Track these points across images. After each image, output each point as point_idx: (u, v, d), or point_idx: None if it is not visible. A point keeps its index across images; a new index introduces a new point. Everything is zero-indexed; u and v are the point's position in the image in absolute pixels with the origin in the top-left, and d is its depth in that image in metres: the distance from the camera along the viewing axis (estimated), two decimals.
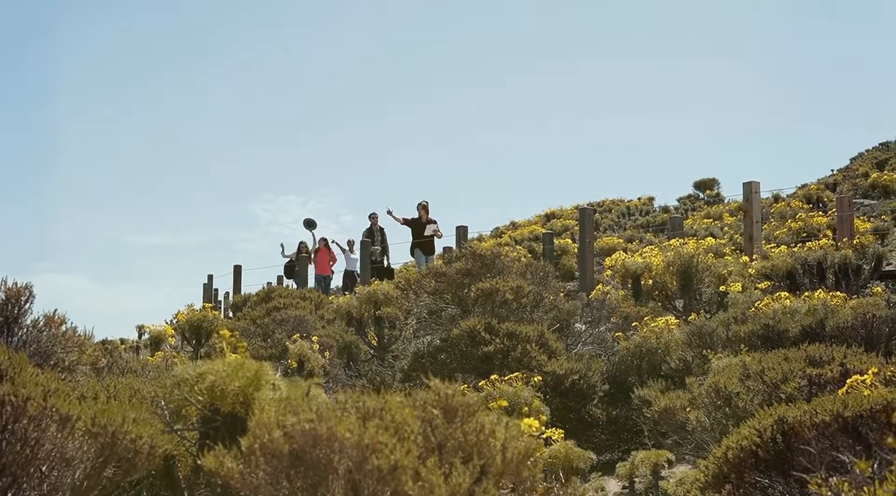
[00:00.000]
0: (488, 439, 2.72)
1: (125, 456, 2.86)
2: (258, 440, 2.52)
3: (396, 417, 2.58)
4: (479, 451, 2.63)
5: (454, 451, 2.64)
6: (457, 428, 2.67)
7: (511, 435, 2.70)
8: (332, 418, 2.52)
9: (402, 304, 11.54)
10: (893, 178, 29.90)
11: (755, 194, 15.99)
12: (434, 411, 2.66)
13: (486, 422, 2.74)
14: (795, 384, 5.51)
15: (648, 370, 8.73)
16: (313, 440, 2.49)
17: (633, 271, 11.99)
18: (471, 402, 2.73)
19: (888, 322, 7.64)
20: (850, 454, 3.57)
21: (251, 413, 2.93)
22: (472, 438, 2.70)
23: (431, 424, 2.67)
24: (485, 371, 8.40)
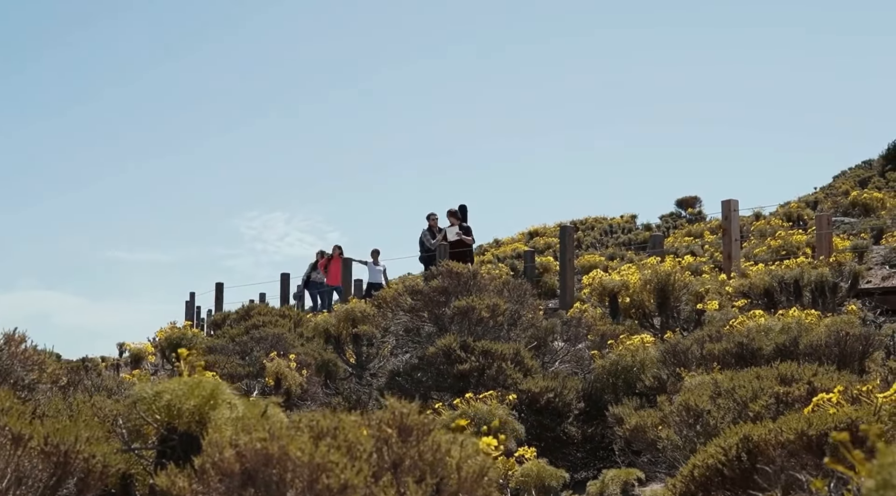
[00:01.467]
0: (444, 458, 2.72)
1: (78, 475, 2.84)
2: (210, 459, 2.52)
3: (350, 436, 2.58)
4: (433, 470, 2.62)
5: (409, 470, 2.64)
6: (412, 446, 2.67)
7: (466, 454, 2.70)
8: (285, 437, 2.51)
9: (380, 322, 11.53)
10: (873, 196, 30.03)
11: (734, 212, 16.05)
12: (389, 430, 2.66)
13: (442, 441, 2.73)
14: (763, 402, 5.52)
15: (624, 388, 8.72)
16: (265, 459, 2.48)
17: (610, 289, 12.01)
18: (426, 421, 2.73)
19: (861, 340, 7.66)
20: (813, 473, 3.59)
21: (206, 432, 2.91)
22: (427, 457, 2.69)
23: (386, 443, 2.66)
24: (460, 389, 8.41)
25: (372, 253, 27.52)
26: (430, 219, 24.20)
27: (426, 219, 24.30)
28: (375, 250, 27.55)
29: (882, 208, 28.30)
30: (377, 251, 27.51)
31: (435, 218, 24.08)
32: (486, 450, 4.33)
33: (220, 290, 30.95)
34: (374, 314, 11.61)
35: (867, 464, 1.69)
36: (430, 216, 24.20)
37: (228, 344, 13.54)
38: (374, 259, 27.43)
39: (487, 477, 2.70)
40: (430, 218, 24.17)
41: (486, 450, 4.33)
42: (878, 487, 1.66)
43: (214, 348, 13.27)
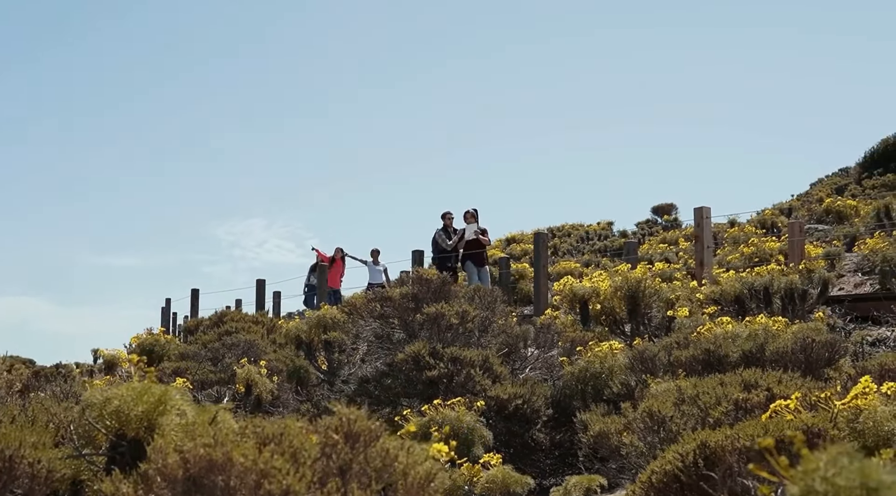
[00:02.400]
0: (392, 464, 2.72)
1: (22, 480, 2.84)
2: (154, 465, 2.51)
3: (295, 443, 2.58)
4: (379, 476, 2.63)
5: (356, 476, 2.64)
6: (360, 452, 2.67)
7: (413, 460, 2.71)
8: (230, 443, 2.51)
9: (350, 329, 11.53)
10: (847, 203, 30.18)
11: (706, 220, 16.10)
12: (335, 436, 2.66)
13: (390, 447, 2.74)
14: (723, 409, 5.54)
15: (592, 394, 8.74)
16: (209, 465, 2.48)
17: (580, 296, 12.02)
18: (373, 427, 2.73)
19: (828, 347, 7.70)
20: (763, 480, 3.60)
21: (154, 438, 2.91)
22: (376, 463, 2.70)
23: (334, 449, 2.67)
24: (429, 395, 8.41)
25: (372, 252, 27.08)
26: (445, 218, 23.16)
27: (441, 218, 23.25)
28: (375, 250, 27.10)
29: (856, 216, 28.45)
30: (377, 251, 27.07)
31: (451, 217, 23.09)
32: (436, 457, 4.34)
33: (196, 297, 30.92)
34: (345, 321, 11.60)
35: (791, 471, 1.71)
36: (446, 215, 23.18)
37: (201, 350, 13.52)
38: (374, 258, 26.99)
39: (434, 483, 2.71)
40: (446, 217, 23.14)
41: (436, 457, 4.34)
42: (803, 493, 1.68)
43: (187, 354, 13.25)
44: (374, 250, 27.00)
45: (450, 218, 22.85)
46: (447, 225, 22.80)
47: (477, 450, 7.22)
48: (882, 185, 35.84)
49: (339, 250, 27.58)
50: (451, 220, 22.83)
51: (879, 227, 23.84)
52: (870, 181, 38.02)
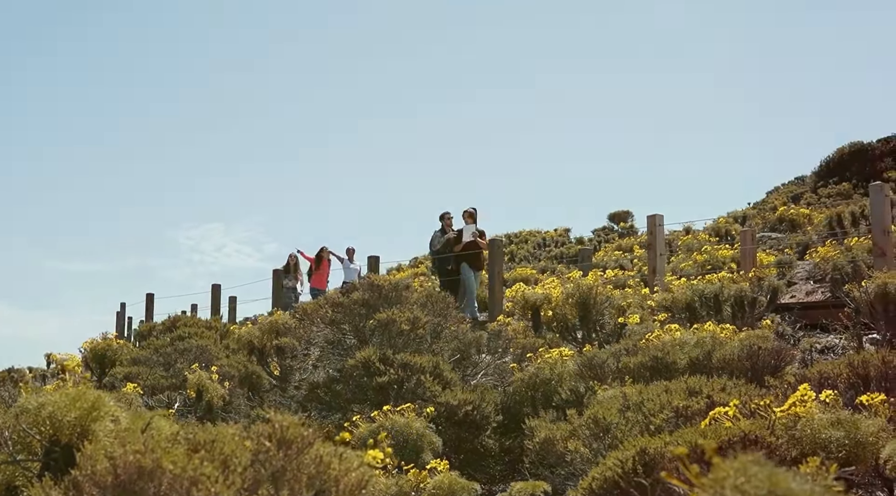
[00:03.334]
0: (326, 470, 2.74)
1: None
2: (84, 471, 2.52)
3: (225, 449, 2.59)
4: (311, 483, 2.64)
5: (288, 483, 2.65)
6: (292, 459, 2.68)
7: (346, 467, 2.72)
8: (160, 450, 2.52)
9: (303, 335, 11.52)
10: (800, 212, 30.48)
11: (659, 227, 16.22)
12: (267, 443, 2.67)
13: (324, 454, 2.75)
14: (665, 416, 5.59)
15: (542, 401, 8.78)
16: (139, 472, 2.48)
17: (532, 302, 12.08)
18: (306, 434, 2.75)
19: (774, 354, 7.77)
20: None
21: (86, 444, 2.91)
22: (309, 470, 2.71)
23: (266, 456, 2.68)
24: (380, 401, 8.41)
25: (346, 251, 26.41)
26: (443, 219, 22.13)
27: (440, 219, 22.24)
28: (350, 248, 26.43)
29: (809, 224, 28.73)
30: (352, 249, 26.42)
31: (450, 218, 22.05)
32: (372, 463, 4.36)
33: (151, 301, 30.74)
34: (297, 326, 11.59)
35: (702, 479, 1.74)
36: (445, 216, 22.14)
37: (153, 355, 13.44)
38: (350, 257, 26.25)
39: (366, 489, 2.73)
40: (445, 218, 22.11)
41: (372, 463, 4.36)
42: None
43: (139, 360, 13.17)
44: (348, 249, 26.42)
45: (449, 219, 22.02)
46: (446, 226, 21.93)
47: (426, 455, 7.23)
48: (837, 194, 36.20)
49: (324, 250, 26.52)
50: (450, 221, 21.98)
51: (832, 235, 24.08)
52: (825, 190, 38.40)
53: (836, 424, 4.50)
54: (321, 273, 26.11)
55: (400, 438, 7.20)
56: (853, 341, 10.81)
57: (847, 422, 4.52)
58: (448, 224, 21.79)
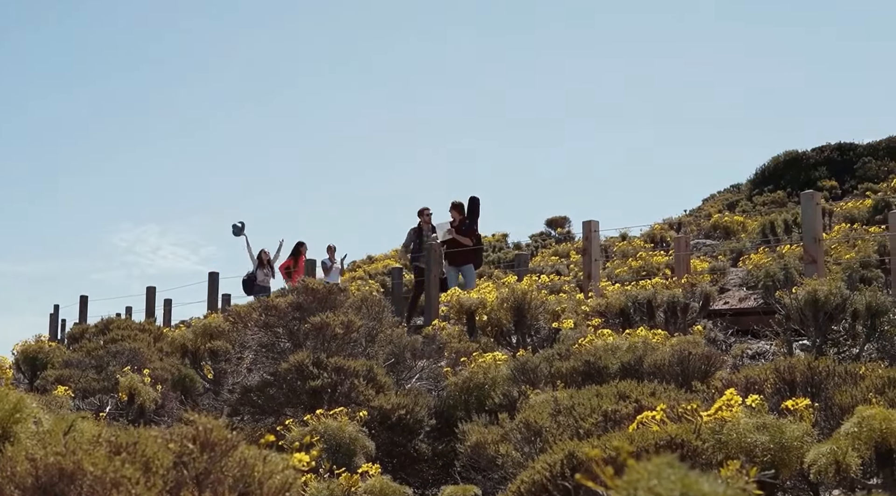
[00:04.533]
0: (251, 473, 2.73)
1: None
2: (4, 473, 2.49)
3: (147, 451, 2.58)
4: (235, 485, 2.64)
5: (212, 485, 2.65)
6: (216, 462, 2.68)
7: (270, 469, 2.72)
8: (81, 452, 2.50)
9: (236, 338, 11.46)
10: (735, 219, 30.87)
11: (594, 233, 16.32)
12: (190, 445, 2.67)
13: (248, 457, 2.75)
14: (594, 420, 5.63)
15: (476, 405, 8.79)
16: (59, 474, 2.47)
17: (468, 307, 12.11)
18: (230, 437, 2.74)
19: (704, 359, 7.86)
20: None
21: (7, 446, 2.88)
22: (234, 472, 2.70)
23: (190, 458, 2.67)
24: (313, 405, 8.39)
25: (327, 249, 25.09)
26: (421, 215, 20.69)
27: (418, 214, 20.80)
28: (331, 246, 25.13)
29: (742, 231, 29.10)
30: (333, 247, 25.13)
31: (429, 214, 20.61)
32: (299, 466, 4.35)
33: (85, 303, 30.40)
34: (231, 329, 11.53)
35: (617, 481, 1.76)
36: (423, 212, 20.69)
37: (85, 358, 13.31)
38: (330, 256, 25.01)
39: (291, 492, 2.73)
40: (423, 214, 20.67)
41: (299, 466, 4.35)
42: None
43: (71, 362, 13.03)
44: (329, 247, 25.12)
45: (427, 215, 20.65)
46: (423, 223, 20.60)
47: (358, 459, 7.22)
48: (772, 202, 36.72)
49: (302, 245, 24.80)
50: (428, 218, 20.60)
51: (765, 242, 24.42)
52: (760, 198, 38.91)
53: (762, 429, 4.55)
54: (300, 271, 24.05)
55: (332, 442, 7.19)
56: (783, 347, 10.94)
57: (772, 426, 4.58)
58: (426, 221, 20.60)
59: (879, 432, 4.59)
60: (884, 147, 40.97)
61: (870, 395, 5.71)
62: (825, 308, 10.03)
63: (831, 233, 21.55)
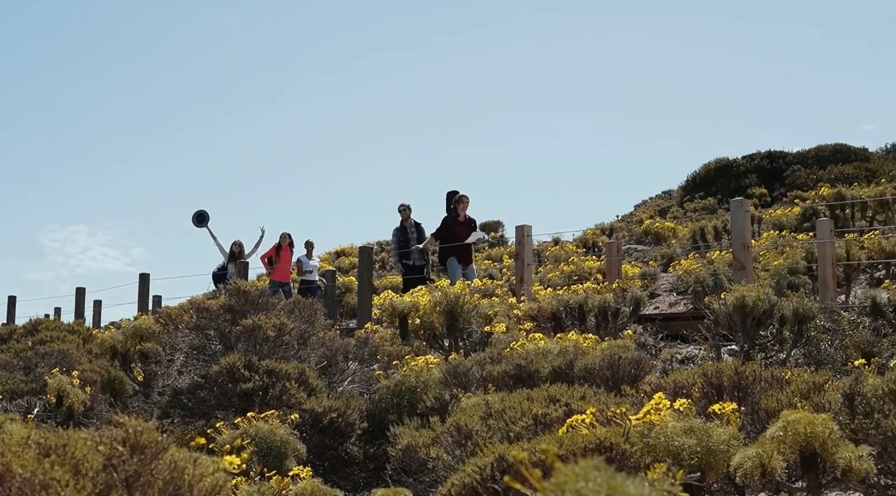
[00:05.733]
0: (181, 475, 2.73)
1: None
2: None
3: (77, 453, 2.57)
4: (165, 488, 2.64)
5: (142, 488, 2.64)
6: (146, 464, 2.67)
7: (200, 472, 2.72)
8: (10, 454, 2.49)
9: (167, 340, 11.38)
10: (665, 225, 31.20)
11: (527, 237, 16.42)
12: (120, 448, 2.66)
13: (178, 459, 2.75)
14: (524, 423, 5.68)
15: (407, 408, 8.81)
16: None
17: (400, 310, 12.13)
18: (160, 439, 2.74)
19: (634, 364, 7.94)
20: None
21: None
22: (164, 474, 2.70)
23: (120, 461, 2.66)
24: (244, 408, 8.36)
25: (305, 244, 24.00)
26: (401, 212, 20.06)
27: (399, 212, 20.18)
28: (308, 242, 24.10)
29: (673, 237, 29.43)
30: (311, 243, 24.14)
31: (408, 210, 20.06)
32: (229, 469, 4.35)
33: (13, 304, 30.03)
34: (161, 331, 11.45)
35: (544, 484, 1.79)
36: (402, 209, 20.07)
37: (13, 359, 13.14)
38: (308, 252, 23.98)
39: (220, 495, 2.73)
40: (402, 211, 20.05)
41: (229, 469, 4.35)
42: None
43: None
44: (307, 242, 24.10)
45: (407, 210, 20.09)
46: (403, 219, 20.06)
47: (289, 462, 7.21)
48: (702, 209, 37.19)
49: (286, 236, 23.32)
50: (407, 214, 20.06)
51: (695, 248, 24.71)
52: (691, 204, 39.39)
53: (689, 432, 4.62)
54: (283, 264, 23.22)
55: (263, 445, 7.18)
56: (712, 352, 11.09)
57: (699, 430, 4.65)
58: (405, 217, 20.04)
59: (804, 436, 4.67)
60: (812, 155, 41.71)
61: (795, 400, 5.81)
62: (753, 314, 10.18)
63: (760, 239, 21.84)
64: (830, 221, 16.14)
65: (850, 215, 24.06)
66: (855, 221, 23.48)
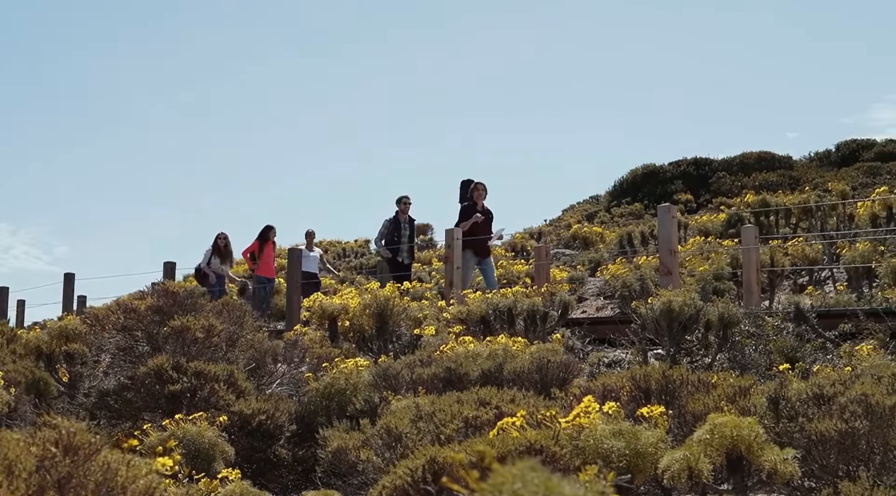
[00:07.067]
0: (114, 477, 2.72)
1: None
2: None
3: (9, 454, 2.55)
4: (98, 490, 2.63)
5: (74, 489, 2.63)
6: (78, 466, 2.66)
7: (134, 474, 2.71)
8: None
9: (93, 341, 11.25)
10: (593, 230, 31.48)
11: (457, 241, 16.47)
12: (53, 449, 2.65)
13: (111, 461, 2.74)
14: (455, 426, 5.71)
15: (337, 411, 8.81)
16: None
17: (330, 312, 12.12)
18: (94, 441, 2.73)
19: (562, 367, 8.01)
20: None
21: None
22: (96, 476, 2.69)
23: (52, 462, 2.65)
24: (172, 410, 8.30)
25: (306, 235, 22.68)
26: (400, 203, 19.47)
27: (396, 203, 19.55)
28: (309, 231, 22.69)
29: (601, 242, 29.69)
30: (311, 233, 22.73)
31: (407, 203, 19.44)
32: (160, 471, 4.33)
33: None
34: (88, 332, 11.31)
35: (482, 485, 1.81)
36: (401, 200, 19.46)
37: None
38: (308, 243, 22.50)
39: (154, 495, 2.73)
40: (401, 202, 19.46)
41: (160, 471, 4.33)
42: None
43: None
44: (308, 232, 22.74)
45: (405, 203, 19.51)
46: (401, 213, 19.48)
47: (218, 465, 7.18)
48: (629, 214, 37.54)
49: (270, 229, 22.15)
50: (407, 208, 19.56)
51: (622, 253, 24.95)
52: (618, 209, 39.75)
53: (618, 435, 4.68)
54: (266, 258, 22.07)
55: (191, 447, 7.13)
56: (639, 356, 11.20)
57: (628, 432, 4.71)
58: (404, 210, 19.50)
59: (730, 439, 4.75)
60: (737, 162, 42.28)
61: (722, 403, 5.90)
62: (679, 318, 10.30)
63: (686, 245, 22.09)
64: (755, 228, 16.36)
65: (774, 222, 24.41)
66: (779, 228, 23.83)
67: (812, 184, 34.32)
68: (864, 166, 38.09)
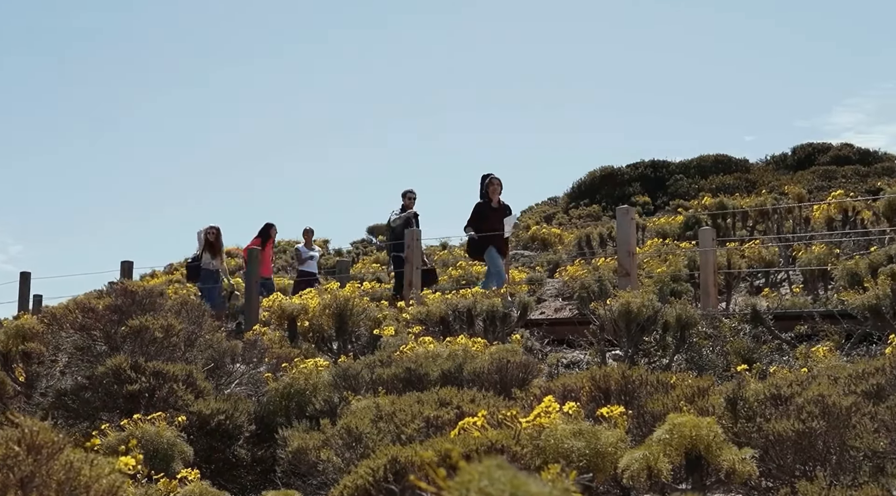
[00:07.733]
0: (77, 476, 2.71)
1: None
2: None
3: None
4: (61, 488, 2.62)
5: (38, 488, 2.62)
6: (41, 465, 2.65)
7: (97, 473, 2.71)
8: None
9: (50, 340, 11.17)
10: (552, 231, 31.58)
11: (416, 241, 16.50)
12: (16, 448, 2.64)
13: (74, 460, 2.73)
14: (416, 426, 5.73)
15: (297, 411, 8.79)
16: None
17: (289, 312, 12.10)
18: (57, 440, 2.72)
19: (522, 367, 8.04)
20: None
21: None
22: (59, 475, 2.68)
23: (15, 461, 2.64)
24: (130, 410, 8.26)
25: (304, 233, 22.44)
26: (405, 197, 19.14)
27: (402, 196, 19.24)
28: (308, 229, 22.45)
29: (559, 243, 29.79)
30: (310, 230, 22.48)
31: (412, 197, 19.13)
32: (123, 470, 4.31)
33: None
34: (45, 331, 11.23)
35: (449, 482, 1.83)
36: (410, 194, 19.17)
37: None
38: (307, 240, 22.40)
39: (117, 495, 2.72)
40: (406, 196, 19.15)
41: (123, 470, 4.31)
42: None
43: None
44: (306, 230, 22.44)
45: (410, 197, 19.24)
46: (406, 206, 19.16)
47: (176, 465, 7.15)
48: (587, 216, 37.73)
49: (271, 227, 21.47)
50: (411, 202, 19.23)
51: (581, 255, 25.07)
52: (576, 211, 39.93)
53: (578, 435, 4.71)
54: (265, 257, 20.92)
55: (150, 447, 7.11)
56: (597, 357, 11.26)
57: (588, 432, 4.74)
58: (409, 205, 19.13)
59: (689, 439, 4.80)
60: (695, 165, 42.59)
61: (680, 404, 5.95)
62: (637, 319, 10.36)
63: (644, 247, 22.19)
64: (712, 230, 16.49)
65: (731, 224, 24.59)
66: (736, 230, 24.01)
67: (768, 187, 34.58)
68: (820, 170, 38.47)
